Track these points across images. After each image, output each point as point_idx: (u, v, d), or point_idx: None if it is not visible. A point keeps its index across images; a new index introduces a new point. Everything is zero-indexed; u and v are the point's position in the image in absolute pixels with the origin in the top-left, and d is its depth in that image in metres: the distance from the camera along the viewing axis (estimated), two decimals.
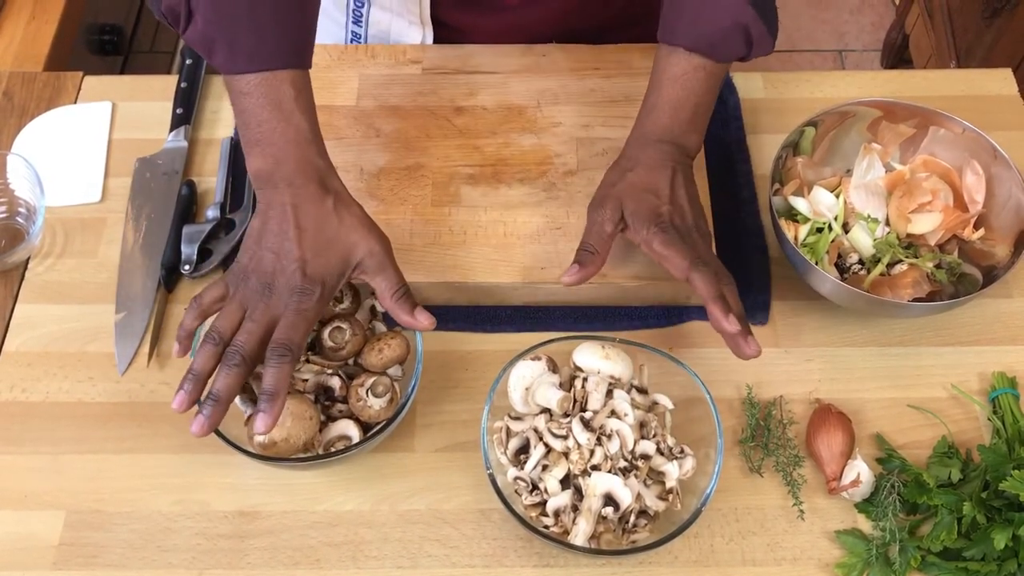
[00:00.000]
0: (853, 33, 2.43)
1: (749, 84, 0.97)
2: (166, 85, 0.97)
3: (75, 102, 0.97)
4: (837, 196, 0.82)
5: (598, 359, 0.73)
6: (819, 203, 0.82)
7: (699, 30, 0.76)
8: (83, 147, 0.94)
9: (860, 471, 0.73)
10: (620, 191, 0.76)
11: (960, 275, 0.81)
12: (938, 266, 0.80)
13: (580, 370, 0.73)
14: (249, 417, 0.71)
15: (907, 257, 0.79)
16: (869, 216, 0.81)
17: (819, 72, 0.99)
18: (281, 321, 0.68)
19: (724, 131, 0.93)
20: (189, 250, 0.85)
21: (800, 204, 0.82)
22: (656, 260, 0.75)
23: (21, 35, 1.02)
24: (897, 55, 2.22)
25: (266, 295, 0.68)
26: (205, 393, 0.67)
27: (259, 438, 0.69)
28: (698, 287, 0.72)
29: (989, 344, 0.82)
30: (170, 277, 0.85)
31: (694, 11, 0.76)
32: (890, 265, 0.79)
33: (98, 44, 1.16)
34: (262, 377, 0.67)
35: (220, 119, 0.96)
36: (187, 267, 0.85)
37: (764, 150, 0.92)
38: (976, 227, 0.81)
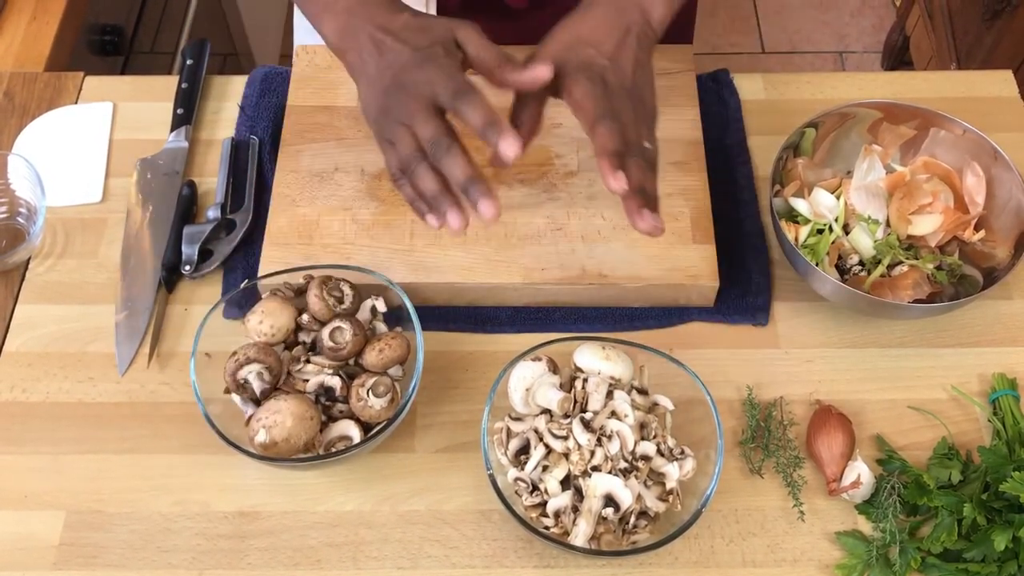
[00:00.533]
0: (854, 35, 2.43)
1: (750, 86, 0.97)
2: (167, 85, 0.97)
3: (76, 102, 0.97)
4: (838, 197, 0.82)
5: (598, 360, 0.73)
6: (820, 204, 0.82)
7: None
8: (84, 147, 0.94)
9: (860, 472, 0.73)
10: (560, 40, 0.73)
11: (961, 276, 0.81)
12: (938, 267, 0.80)
13: (580, 371, 0.73)
14: (444, 219, 0.70)
15: (908, 259, 0.79)
16: (870, 217, 0.81)
17: (819, 74, 0.99)
18: (442, 96, 0.68)
19: (725, 133, 0.93)
20: (190, 250, 0.85)
21: (801, 205, 0.82)
22: (573, 112, 0.71)
23: (22, 35, 1.03)
24: (898, 57, 2.22)
25: (412, 90, 0.69)
26: (460, 190, 0.68)
27: (259, 438, 0.69)
28: (596, 139, 0.68)
29: (989, 345, 0.82)
30: (171, 277, 0.85)
31: None
32: (891, 267, 0.79)
33: (99, 44, 1.16)
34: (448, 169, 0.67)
35: (221, 119, 0.96)
36: (187, 267, 0.85)
37: (765, 152, 0.92)
38: (977, 229, 0.81)
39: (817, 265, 0.78)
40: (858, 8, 2.49)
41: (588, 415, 0.70)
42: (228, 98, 0.97)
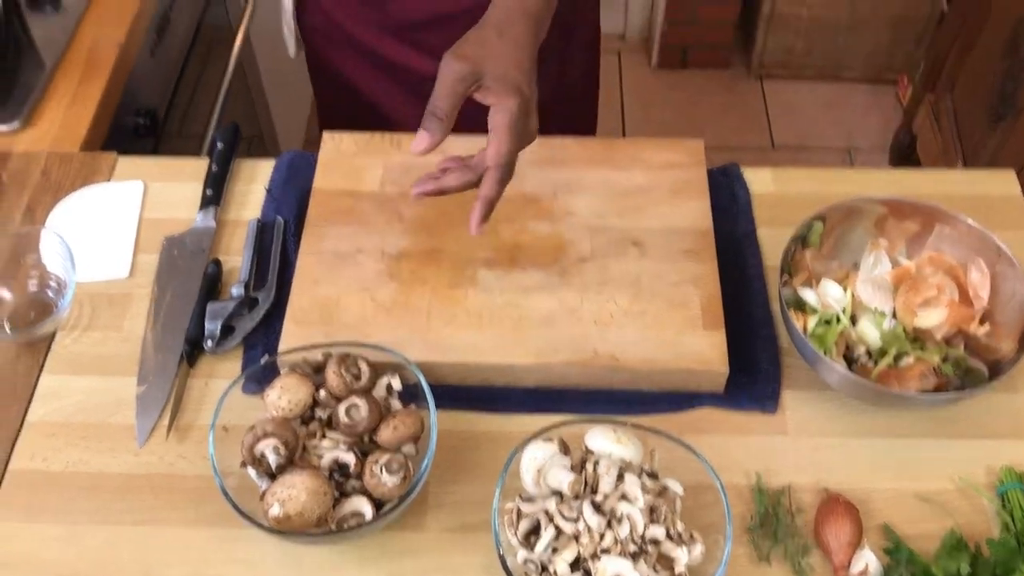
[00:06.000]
0: (862, 133, 2.49)
1: (759, 178, 1.01)
2: (196, 167, 1.01)
3: (109, 180, 1.01)
4: (845, 289, 0.84)
5: (610, 442, 0.74)
6: (827, 295, 0.84)
7: None
8: (114, 224, 0.97)
9: (868, 561, 0.73)
10: (485, 53, 0.76)
11: (967, 369, 0.82)
12: (944, 360, 0.81)
13: (592, 453, 0.74)
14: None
15: (914, 350, 0.81)
16: (876, 309, 0.83)
17: (827, 169, 1.02)
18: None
19: (735, 224, 0.96)
20: (212, 326, 0.88)
21: (809, 296, 0.84)
22: (488, 126, 0.76)
23: (62, 117, 1.07)
24: (905, 155, 2.26)
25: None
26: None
27: (273, 511, 0.70)
28: (485, 182, 0.76)
29: (996, 438, 0.82)
30: (193, 352, 0.87)
31: None
32: (897, 358, 0.81)
33: (132, 127, 1.21)
34: None
35: (248, 201, 0.99)
36: (209, 342, 0.87)
37: (774, 243, 0.95)
38: (981, 323, 0.83)
39: (825, 354, 0.79)
40: (866, 107, 2.55)
41: (599, 497, 0.71)
42: (255, 180, 1.01)
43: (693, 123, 2.51)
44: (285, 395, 0.77)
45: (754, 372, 0.85)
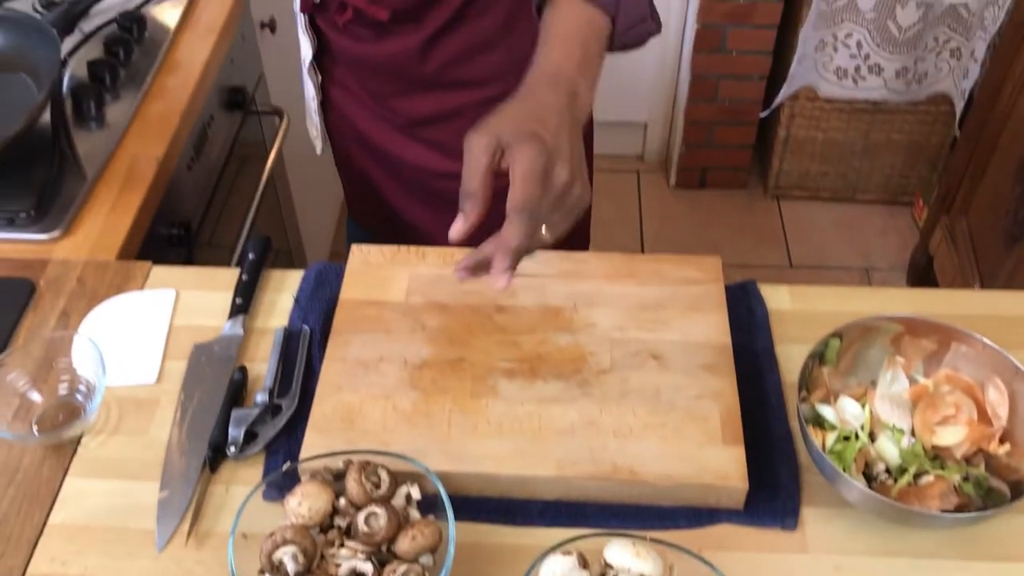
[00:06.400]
0: (879, 253, 2.52)
1: (776, 296, 1.02)
2: (228, 277, 1.04)
3: (142, 288, 1.04)
4: (863, 406, 0.85)
5: (629, 557, 0.74)
6: (845, 412, 0.85)
7: None
8: (145, 331, 0.99)
9: None
10: (501, 119, 0.75)
11: (988, 489, 0.82)
12: (965, 479, 0.81)
13: (610, 567, 0.74)
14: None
15: (934, 468, 0.81)
16: (895, 426, 0.83)
17: (844, 287, 1.04)
18: None
19: (753, 340, 0.98)
20: (236, 432, 0.89)
21: (827, 412, 0.85)
22: (511, 179, 0.73)
23: (101, 227, 1.11)
24: (922, 276, 2.29)
25: None
26: None
27: None
28: (505, 229, 0.72)
29: (1019, 561, 0.81)
30: (215, 458, 0.88)
31: None
32: (917, 476, 0.81)
33: (167, 236, 1.25)
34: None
35: (276, 310, 1.02)
36: (232, 449, 0.88)
37: (791, 359, 0.96)
38: (1001, 442, 0.83)
39: (844, 471, 0.79)
40: (883, 228, 2.59)
41: None
42: (284, 290, 1.04)
43: (711, 242, 2.55)
44: (305, 502, 0.77)
45: (774, 488, 0.85)
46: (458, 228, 0.73)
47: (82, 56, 1.32)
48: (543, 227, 0.75)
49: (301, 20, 1.23)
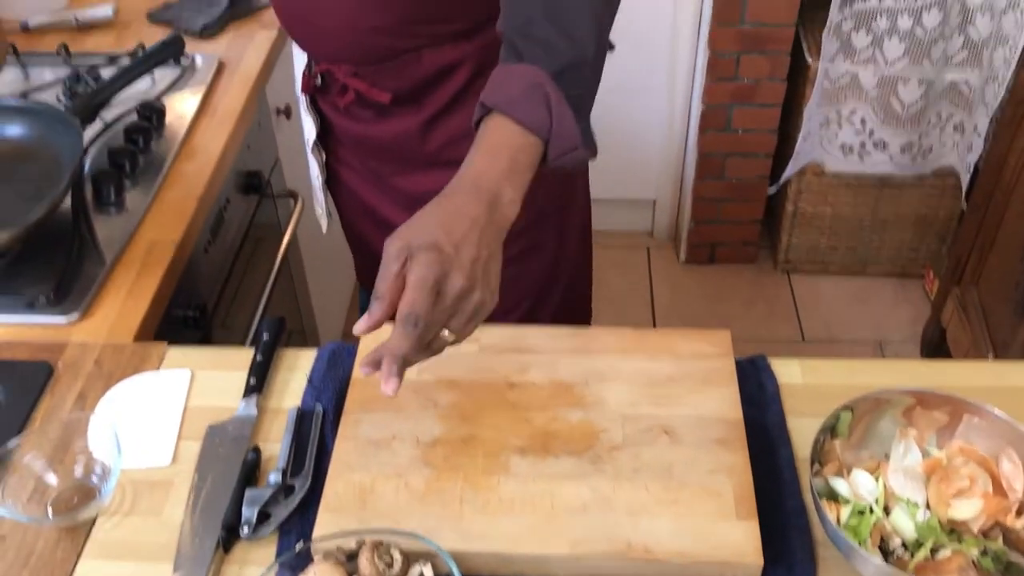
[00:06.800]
0: (892, 326, 2.52)
1: (787, 370, 1.03)
2: (242, 357, 1.05)
3: (158, 369, 1.05)
4: (876, 479, 0.84)
5: None
6: (859, 486, 0.84)
7: (504, 92, 0.82)
8: (160, 412, 1.00)
9: None
10: (414, 225, 0.78)
11: (1007, 564, 0.81)
12: (983, 553, 0.80)
13: None
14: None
15: (950, 543, 0.80)
16: (909, 500, 0.83)
17: (854, 360, 1.04)
18: None
19: (764, 414, 0.98)
20: (249, 513, 0.89)
21: (840, 486, 0.84)
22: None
23: (118, 310, 1.13)
24: (936, 348, 2.28)
25: None
26: None
27: None
28: (392, 336, 0.75)
29: None
30: (229, 538, 0.88)
31: (503, 79, 0.83)
32: (934, 550, 0.80)
33: (182, 318, 1.27)
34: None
35: (290, 390, 1.02)
36: (245, 529, 0.88)
37: (803, 433, 0.96)
38: (1019, 515, 0.82)
39: (860, 546, 0.79)
40: (894, 301, 2.59)
41: None
42: (297, 369, 1.05)
43: (723, 316, 2.56)
44: None
45: (789, 564, 0.84)
46: (362, 326, 0.77)
47: (103, 144, 1.36)
48: (444, 331, 0.78)
49: (303, 101, 1.27)
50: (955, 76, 2.22)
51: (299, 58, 1.26)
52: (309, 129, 1.29)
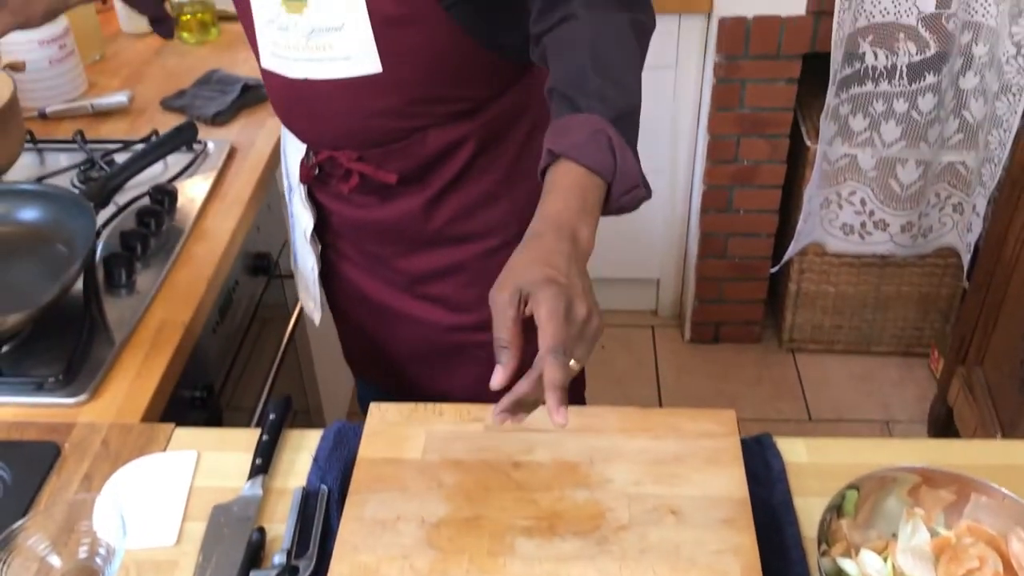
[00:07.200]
0: (898, 405, 2.51)
1: (792, 449, 1.03)
2: (249, 438, 1.05)
3: (164, 450, 1.05)
4: (885, 559, 0.84)
5: None
6: (867, 566, 0.84)
7: (569, 139, 0.88)
8: (166, 493, 1.00)
9: None
10: (516, 270, 0.81)
11: None
12: None
13: None
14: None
15: None
16: None
17: (860, 439, 1.04)
18: None
19: (770, 493, 0.97)
20: None
21: (849, 566, 0.84)
22: (539, 324, 0.78)
23: (126, 391, 1.14)
24: (943, 427, 2.27)
25: None
26: None
27: None
28: (547, 369, 0.76)
29: None
30: None
31: (565, 128, 0.89)
32: None
33: (189, 399, 1.27)
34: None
35: (295, 470, 1.03)
36: None
37: (810, 512, 0.95)
38: None
39: None
40: (900, 380, 2.58)
41: None
42: (303, 449, 1.05)
43: (729, 395, 2.56)
44: None
45: None
46: (498, 378, 0.79)
47: (116, 226, 1.38)
48: (571, 360, 0.80)
49: (300, 192, 1.29)
50: (952, 157, 2.26)
51: (293, 150, 1.27)
52: (306, 221, 1.30)
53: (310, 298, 1.41)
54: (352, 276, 1.35)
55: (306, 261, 1.37)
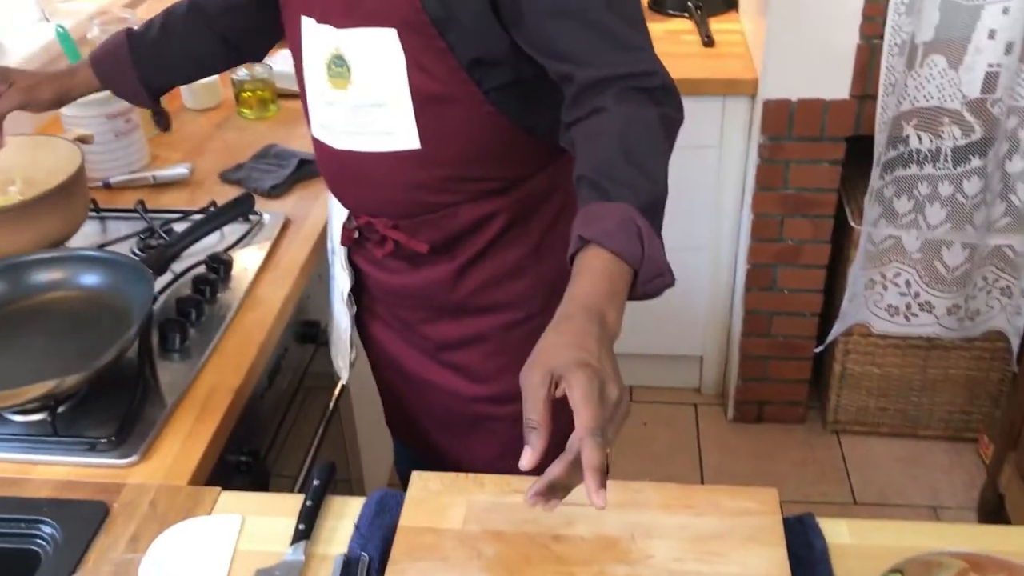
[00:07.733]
0: (947, 491, 2.45)
1: (835, 530, 1.02)
2: (293, 503, 1.07)
3: (210, 513, 1.07)
4: None
5: None
6: None
7: (599, 226, 0.89)
8: (210, 556, 1.02)
9: None
10: (548, 352, 0.81)
11: None
12: None
13: None
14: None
15: None
16: None
17: (904, 522, 1.03)
18: None
19: (812, 574, 0.96)
20: None
21: None
22: (573, 406, 0.78)
23: (176, 453, 1.17)
24: (994, 514, 2.21)
25: None
26: None
27: None
28: (585, 451, 0.76)
29: None
30: None
31: (595, 215, 0.91)
32: None
33: (235, 463, 1.30)
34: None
35: (336, 537, 1.04)
36: None
37: None
38: None
39: None
40: (948, 465, 2.53)
41: None
42: (345, 516, 1.06)
43: (772, 476, 2.52)
44: None
45: None
46: (528, 459, 0.79)
47: (172, 293, 1.43)
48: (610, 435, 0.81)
49: (341, 254, 1.34)
50: (999, 241, 2.25)
51: (337, 213, 1.34)
52: (344, 282, 1.36)
53: (339, 355, 1.45)
54: (385, 339, 1.39)
55: (340, 320, 1.42)
